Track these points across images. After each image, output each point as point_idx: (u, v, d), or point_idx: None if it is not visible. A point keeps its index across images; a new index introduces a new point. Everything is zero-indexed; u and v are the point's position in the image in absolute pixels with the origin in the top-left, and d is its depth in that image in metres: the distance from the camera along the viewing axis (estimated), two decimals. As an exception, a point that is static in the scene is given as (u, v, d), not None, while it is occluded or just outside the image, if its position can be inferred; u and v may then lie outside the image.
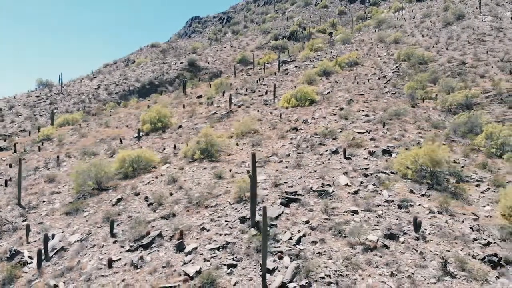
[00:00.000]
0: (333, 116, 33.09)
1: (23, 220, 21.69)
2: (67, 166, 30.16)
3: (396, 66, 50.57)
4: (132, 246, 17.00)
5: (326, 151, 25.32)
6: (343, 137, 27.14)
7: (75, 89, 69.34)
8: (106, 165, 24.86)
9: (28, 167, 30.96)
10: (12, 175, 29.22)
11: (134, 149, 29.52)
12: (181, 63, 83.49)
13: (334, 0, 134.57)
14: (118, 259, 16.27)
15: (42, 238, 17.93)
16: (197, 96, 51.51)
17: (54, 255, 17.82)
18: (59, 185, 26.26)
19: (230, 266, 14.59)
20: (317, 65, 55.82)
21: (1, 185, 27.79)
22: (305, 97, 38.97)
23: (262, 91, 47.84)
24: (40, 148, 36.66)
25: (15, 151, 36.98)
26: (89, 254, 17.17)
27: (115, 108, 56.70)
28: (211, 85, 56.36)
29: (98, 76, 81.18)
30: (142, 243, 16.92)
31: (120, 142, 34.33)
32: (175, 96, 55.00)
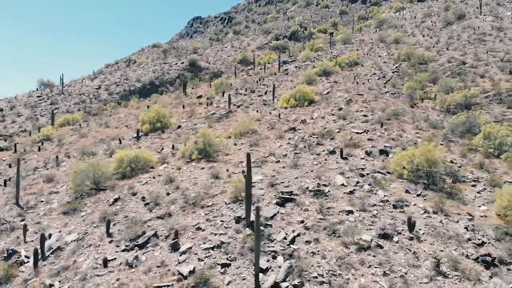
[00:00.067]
0: (332, 116, 33.12)
1: (21, 220, 21.83)
2: (66, 166, 30.30)
3: (396, 66, 50.51)
4: (128, 246, 17.09)
5: (323, 151, 25.36)
6: (341, 137, 27.18)
7: (76, 89, 69.57)
8: (104, 165, 24.98)
9: (28, 167, 31.15)
10: (12, 175, 29.37)
11: (133, 149, 29.62)
12: (182, 63, 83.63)
13: (336, 0, 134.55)
14: (114, 259, 16.35)
15: (39, 238, 18.06)
16: (197, 96, 51.64)
17: (51, 255, 17.93)
18: (58, 185, 26.41)
19: (224, 266, 14.66)
20: (317, 65, 55.83)
21: (0, 185, 27.95)
22: (304, 97, 38.99)
23: (262, 91, 47.89)
24: (40, 148, 36.84)
25: (15, 151, 37.20)
26: (85, 254, 17.27)
27: (116, 108, 56.86)
28: (211, 85, 56.45)
29: (99, 76, 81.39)
30: (138, 243, 17.01)
31: (119, 142, 34.45)
32: (175, 96, 55.14)
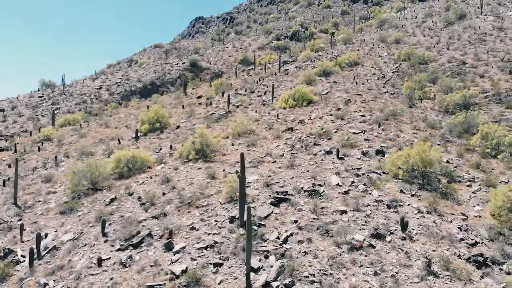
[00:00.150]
0: (330, 117, 33.14)
1: (18, 220, 22.00)
2: (65, 166, 30.46)
3: (396, 66, 50.47)
4: (122, 245, 17.21)
5: (320, 151, 25.41)
6: (338, 138, 27.21)
7: (77, 90, 69.85)
8: (102, 165, 25.12)
9: (27, 167, 31.36)
10: (11, 175, 29.57)
11: (132, 150, 29.74)
12: (183, 64, 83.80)
13: (337, 0, 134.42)
14: (108, 258, 16.48)
15: (35, 237, 18.21)
16: (197, 97, 51.76)
17: (46, 254, 18.08)
18: (56, 185, 26.57)
19: (216, 265, 14.75)
20: (317, 66, 55.83)
21: (0, 185, 28.16)
22: (303, 98, 38.99)
23: (261, 92, 47.94)
24: (40, 149, 37.05)
25: (15, 152, 37.42)
26: (80, 253, 17.40)
27: (116, 109, 57.06)
28: (211, 86, 56.55)
29: (101, 77, 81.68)
30: (132, 242, 17.12)
31: (118, 143, 34.60)
32: (176, 97, 55.27)
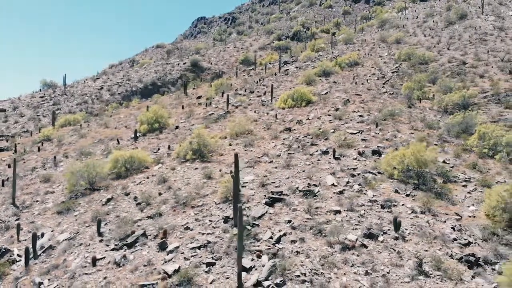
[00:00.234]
0: (328, 117, 33.17)
1: (16, 219, 22.15)
2: (64, 166, 30.62)
3: (396, 66, 50.42)
4: (117, 245, 17.32)
5: (317, 152, 25.46)
6: (335, 138, 27.24)
7: (79, 90, 70.12)
8: (99, 166, 25.26)
9: (26, 167, 31.55)
10: (10, 175, 29.71)
11: (130, 150, 29.89)
12: (184, 64, 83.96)
13: (339, 0, 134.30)
14: (103, 258, 16.60)
15: (31, 237, 18.35)
16: (197, 97, 51.91)
17: (42, 253, 18.22)
18: (54, 185, 26.73)
19: (209, 265, 14.83)
20: (317, 66, 55.85)
21: (-1, 185, 28.38)
22: (302, 98, 39.03)
23: (261, 92, 48.00)
24: (40, 149, 37.25)
25: (15, 152, 37.65)
26: (75, 253, 17.53)
27: (117, 109, 57.26)
28: (212, 86, 56.67)
29: (102, 77, 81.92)
30: (127, 242, 17.24)
31: (117, 143, 34.75)
32: (176, 97, 55.45)
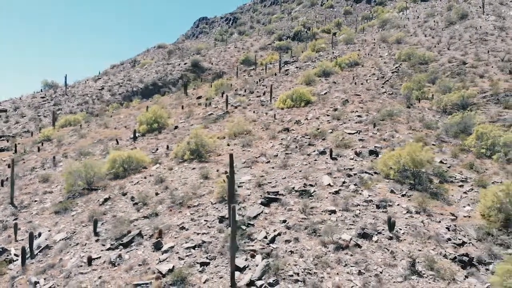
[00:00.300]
0: (326, 117, 33.19)
1: (14, 219, 22.28)
2: (63, 167, 30.75)
3: (396, 67, 50.38)
4: (113, 245, 17.41)
5: (314, 152, 25.49)
6: (333, 138, 27.27)
7: (79, 90, 70.35)
8: (97, 166, 25.36)
9: (26, 167, 31.70)
10: (10, 175, 29.87)
11: (128, 150, 29.99)
12: (185, 64, 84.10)
13: (340, 0, 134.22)
14: (98, 257, 16.70)
15: (28, 237, 18.47)
16: (197, 97, 52.01)
17: (39, 253, 18.33)
18: (52, 185, 26.86)
19: (203, 264, 14.90)
20: (317, 66, 55.85)
21: (-2, 185, 28.53)
22: (301, 98, 39.06)
23: (261, 92, 48.06)
24: (40, 149, 37.42)
25: (16, 152, 37.82)
26: (72, 252, 17.63)
27: (117, 109, 57.43)
28: (212, 86, 56.75)
29: (103, 77, 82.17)
30: (122, 242, 17.33)
31: (116, 143, 34.87)
32: (176, 97, 55.57)
